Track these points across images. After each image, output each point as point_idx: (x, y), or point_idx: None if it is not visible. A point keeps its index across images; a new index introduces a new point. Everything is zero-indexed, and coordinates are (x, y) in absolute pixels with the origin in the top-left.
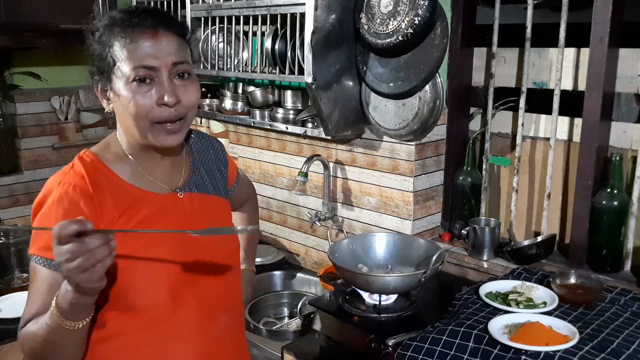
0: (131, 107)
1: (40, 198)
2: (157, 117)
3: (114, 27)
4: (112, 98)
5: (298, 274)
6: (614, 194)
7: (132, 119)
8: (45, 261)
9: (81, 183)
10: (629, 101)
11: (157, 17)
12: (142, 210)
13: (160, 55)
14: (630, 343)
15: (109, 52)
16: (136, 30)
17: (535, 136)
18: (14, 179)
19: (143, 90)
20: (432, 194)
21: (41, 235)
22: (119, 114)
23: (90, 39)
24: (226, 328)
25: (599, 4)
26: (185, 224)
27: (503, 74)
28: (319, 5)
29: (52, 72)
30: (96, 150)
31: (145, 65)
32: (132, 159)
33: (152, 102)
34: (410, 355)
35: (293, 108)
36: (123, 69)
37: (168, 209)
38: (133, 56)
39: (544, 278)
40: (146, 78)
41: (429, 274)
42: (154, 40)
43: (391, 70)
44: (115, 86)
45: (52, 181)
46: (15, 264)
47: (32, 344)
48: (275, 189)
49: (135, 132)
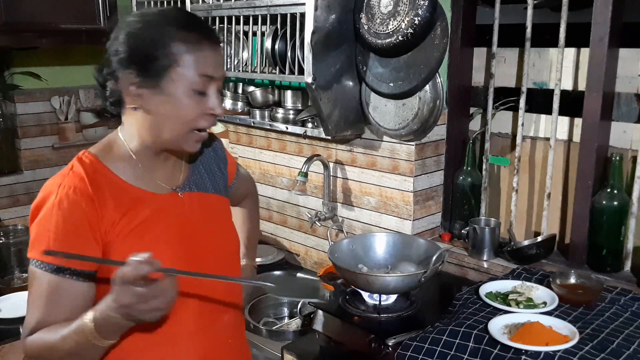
0: (182, 111)
1: (39, 201)
2: (200, 125)
3: (168, 27)
4: (145, 95)
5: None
6: (614, 194)
7: (174, 122)
8: (47, 266)
9: (81, 185)
10: (629, 101)
11: (212, 30)
12: (144, 210)
13: (219, 67)
14: (630, 343)
15: (164, 52)
16: (201, 38)
17: (535, 136)
18: (14, 179)
19: (198, 97)
20: (432, 194)
21: (42, 238)
22: (153, 110)
23: (128, 33)
24: (227, 328)
25: (599, 4)
26: (186, 223)
27: (503, 74)
28: (319, 5)
29: (52, 72)
30: (95, 151)
31: (209, 75)
32: (134, 158)
33: (201, 110)
34: (410, 355)
35: (293, 108)
36: (186, 73)
37: (169, 209)
38: (200, 65)
39: (544, 278)
40: (205, 87)
41: (429, 274)
42: (217, 52)
43: (391, 70)
44: (164, 86)
45: (50, 184)
46: (15, 264)
47: (47, 355)
48: (275, 189)
49: (164, 132)
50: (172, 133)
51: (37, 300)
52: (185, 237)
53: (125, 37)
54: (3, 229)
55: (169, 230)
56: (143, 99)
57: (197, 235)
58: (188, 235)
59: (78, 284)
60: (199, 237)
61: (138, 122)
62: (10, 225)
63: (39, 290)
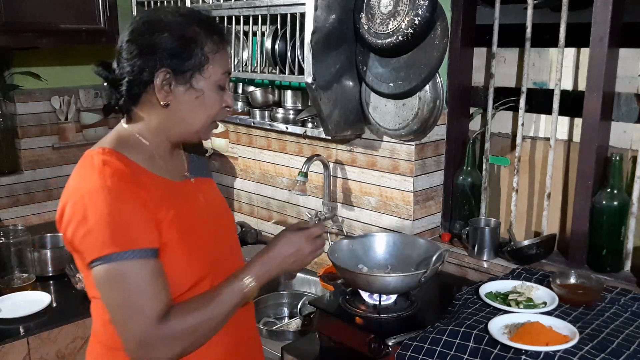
0: (210, 105)
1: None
2: (219, 117)
3: (199, 28)
4: (177, 91)
5: (298, 274)
6: (614, 194)
7: (202, 115)
8: (138, 252)
9: (123, 173)
10: (629, 101)
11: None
12: (173, 198)
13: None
14: (630, 343)
15: (199, 50)
16: (223, 38)
17: (535, 136)
18: (14, 179)
19: (220, 92)
20: (432, 194)
21: (121, 229)
22: (184, 106)
23: (164, 31)
24: (246, 314)
25: (599, 4)
26: (204, 207)
27: (503, 74)
28: (319, 5)
29: (52, 72)
30: (112, 145)
31: (228, 71)
32: (152, 151)
33: (222, 104)
34: (410, 355)
35: (293, 108)
36: (214, 70)
37: (189, 195)
38: (224, 62)
39: (544, 278)
40: (224, 82)
41: (429, 274)
42: (229, 53)
43: (391, 70)
44: (195, 82)
45: (88, 182)
46: (15, 263)
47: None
48: (275, 189)
49: (194, 125)
50: (200, 125)
51: (149, 286)
52: (209, 219)
53: (160, 38)
54: (3, 229)
55: (197, 213)
56: (174, 96)
57: (214, 216)
58: (210, 217)
59: (159, 261)
60: (215, 218)
61: (164, 117)
62: (10, 225)
63: (146, 277)
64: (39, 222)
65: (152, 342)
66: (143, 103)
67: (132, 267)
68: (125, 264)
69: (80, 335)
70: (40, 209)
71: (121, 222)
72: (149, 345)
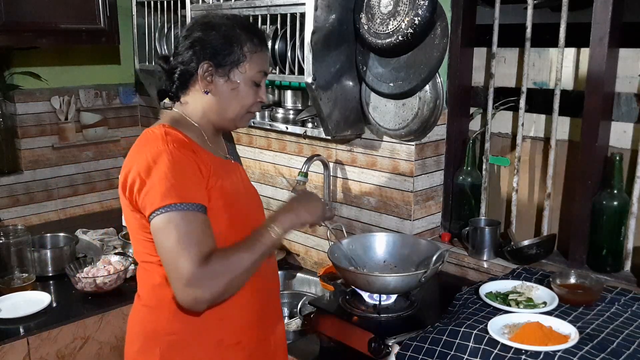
0: (243, 97)
1: (149, 161)
2: (253, 109)
3: (241, 30)
4: (217, 81)
5: (298, 274)
6: (614, 194)
7: (235, 105)
8: (192, 205)
9: (182, 143)
10: (629, 101)
11: (267, 35)
12: (219, 172)
13: (269, 66)
14: (630, 343)
15: (239, 49)
16: (263, 42)
17: (535, 136)
18: (14, 179)
19: (255, 88)
20: (432, 194)
21: (180, 185)
22: (221, 95)
23: (212, 30)
24: (274, 291)
25: (599, 4)
26: (242, 186)
27: (503, 74)
28: (319, 5)
29: (52, 72)
30: (170, 123)
31: (264, 71)
32: (201, 131)
33: (256, 98)
34: (410, 355)
35: (293, 108)
36: (250, 67)
37: (232, 172)
38: (260, 62)
39: (544, 278)
40: (260, 80)
41: (429, 274)
42: (268, 54)
43: (391, 70)
44: (232, 75)
45: (151, 148)
46: (15, 263)
47: (242, 270)
48: (275, 189)
49: (229, 112)
50: (234, 113)
51: (198, 234)
52: (247, 197)
53: (208, 35)
54: (3, 229)
55: (238, 189)
56: (215, 85)
57: (250, 195)
58: (248, 195)
59: (208, 217)
60: (251, 197)
61: (206, 103)
62: (10, 225)
63: (197, 225)
64: (39, 222)
65: (196, 281)
66: (190, 90)
67: (186, 216)
68: (181, 213)
69: (80, 335)
70: (40, 209)
71: (181, 179)
72: (193, 284)
